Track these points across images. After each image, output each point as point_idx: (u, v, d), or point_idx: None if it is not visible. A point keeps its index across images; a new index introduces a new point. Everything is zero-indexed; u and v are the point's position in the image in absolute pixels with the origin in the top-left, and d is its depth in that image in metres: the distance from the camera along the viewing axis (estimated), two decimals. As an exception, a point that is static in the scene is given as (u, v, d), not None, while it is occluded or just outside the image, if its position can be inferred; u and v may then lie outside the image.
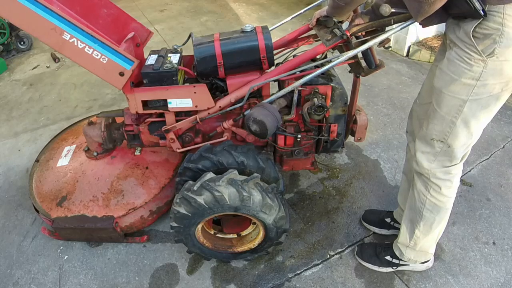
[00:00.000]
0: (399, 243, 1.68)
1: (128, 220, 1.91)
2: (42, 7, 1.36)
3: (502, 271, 1.76)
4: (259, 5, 5.14)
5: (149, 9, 5.32)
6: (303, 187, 2.26)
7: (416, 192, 1.52)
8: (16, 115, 3.18)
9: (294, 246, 1.93)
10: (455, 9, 1.09)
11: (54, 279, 1.86)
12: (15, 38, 4.14)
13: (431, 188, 1.45)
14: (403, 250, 1.67)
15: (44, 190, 2.05)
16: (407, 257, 1.68)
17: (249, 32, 1.62)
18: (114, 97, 3.29)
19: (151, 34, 1.84)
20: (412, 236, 1.60)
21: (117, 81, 1.54)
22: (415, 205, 1.54)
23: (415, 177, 1.50)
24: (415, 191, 1.52)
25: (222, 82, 1.71)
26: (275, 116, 1.48)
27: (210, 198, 1.46)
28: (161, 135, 1.79)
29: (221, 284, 1.78)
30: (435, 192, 1.45)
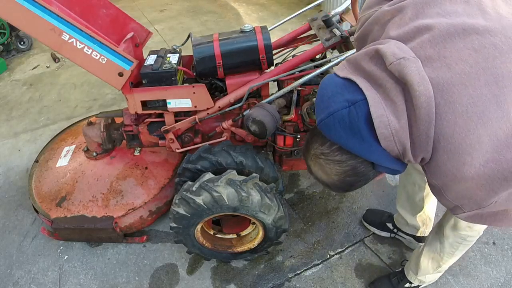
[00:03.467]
0: (419, 276, 1.59)
1: (127, 220, 1.91)
2: (41, 8, 1.36)
3: (502, 271, 1.76)
4: (259, 5, 5.14)
5: (149, 9, 5.32)
6: (303, 187, 2.26)
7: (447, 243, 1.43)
8: (16, 115, 3.18)
9: (294, 246, 1.93)
10: None
11: (54, 279, 1.86)
12: (15, 38, 4.14)
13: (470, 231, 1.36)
14: (424, 279, 1.61)
15: (43, 190, 2.05)
16: (428, 281, 1.63)
17: (248, 32, 1.62)
18: (114, 97, 3.29)
19: (150, 34, 1.84)
20: (438, 269, 1.53)
21: (116, 82, 1.54)
22: (444, 250, 1.45)
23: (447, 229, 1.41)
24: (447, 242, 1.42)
25: (221, 82, 1.71)
26: (274, 116, 1.48)
27: (209, 198, 1.46)
28: (160, 135, 1.79)
29: (221, 284, 1.78)
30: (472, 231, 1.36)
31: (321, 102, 0.91)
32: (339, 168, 0.93)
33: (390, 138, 0.83)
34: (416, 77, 0.78)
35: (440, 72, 0.79)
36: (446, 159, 0.82)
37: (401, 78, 0.80)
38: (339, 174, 0.94)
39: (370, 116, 0.82)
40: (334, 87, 0.90)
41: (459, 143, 0.79)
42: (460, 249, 1.42)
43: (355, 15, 1.60)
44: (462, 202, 0.89)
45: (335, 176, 0.95)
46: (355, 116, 0.83)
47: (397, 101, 0.82)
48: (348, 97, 0.85)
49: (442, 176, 0.86)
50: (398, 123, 0.82)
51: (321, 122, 0.90)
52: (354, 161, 0.91)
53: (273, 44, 1.74)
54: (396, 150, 0.85)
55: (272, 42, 1.67)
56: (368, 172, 0.94)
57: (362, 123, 0.83)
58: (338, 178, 0.95)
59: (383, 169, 0.93)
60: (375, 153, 0.87)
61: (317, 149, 0.96)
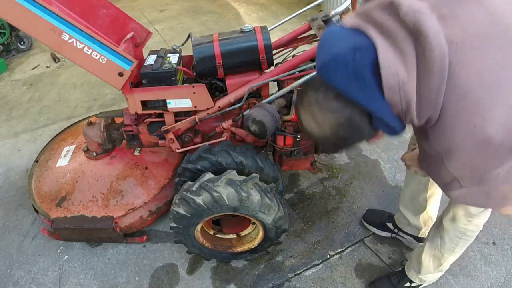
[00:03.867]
0: (421, 275, 1.59)
1: (127, 220, 1.91)
2: (41, 8, 1.36)
3: (502, 271, 1.76)
4: (259, 5, 5.14)
5: (149, 9, 5.32)
6: (303, 187, 2.26)
7: (448, 238, 1.42)
8: (16, 115, 3.18)
9: (294, 246, 1.93)
10: None
11: (54, 279, 1.86)
12: (15, 38, 4.14)
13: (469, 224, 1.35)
14: (425, 278, 1.60)
15: (43, 190, 2.05)
16: (428, 280, 1.63)
17: (248, 32, 1.62)
18: (114, 97, 3.29)
19: (150, 34, 1.84)
20: (439, 267, 1.52)
21: (116, 82, 1.54)
22: (445, 246, 1.44)
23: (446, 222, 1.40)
24: (447, 237, 1.42)
25: (221, 82, 1.71)
26: (274, 116, 1.48)
27: (209, 198, 1.46)
28: (160, 135, 1.79)
29: (221, 284, 1.78)
30: (471, 225, 1.35)
31: (322, 48, 0.85)
32: (333, 119, 0.86)
33: (396, 90, 0.78)
34: (432, 30, 0.74)
35: (454, 31, 0.76)
36: (455, 120, 0.78)
37: (415, 29, 0.76)
38: (332, 125, 0.87)
39: (376, 64, 0.77)
40: (338, 35, 0.85)
41: (471, 104, 0.76)
42: (461, 244, 1.42)
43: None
44: (464, 173, 0.85)
45: (328, 128, 0.88)
46: (360, 62, 0.79)
47: (408, 53, 0.78)
48: (354, 43, 0.80)
49: (448, 139, 0.81)
50: (407, 74, 0.77)
51: (322, 65, 0.84)
52: (350, 111, 0.84)
53: (273, 44, 1.74)
54: (399, 106, 0.80)
55: (272, 42, 1.67)
56: (364, 126, 0.86)
57: (367, 70, 0.78)
58: (330, 130, 0.88)
59: (381, 125, 0.86)
60: (377, 102, 0.81)
61: (311, 97, 0.88)
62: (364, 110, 0.83)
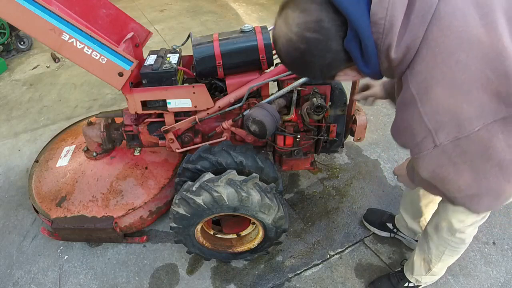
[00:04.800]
0: (415, 276, 1.60)
1: (127, 221, 1.91)
2: (41, 8, 1.36)
3: (502, 271, 1.76)
4: (259, 5, 5.13)
5: (149, 9, 5.32)
6: (303, 187, 2.26)
7: (432, 244, 1.42)
8: (16, 115, 3.18)
9: (294, 246, 1.93)
10: None
11: (54, 279, 1.86)
12: (15, 38, 4.14)
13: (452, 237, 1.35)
14: (420, 279, 1.60)
15: (43, 190, 2.05)
16: (424, 282, 1.63)
17: (248, 32, 1.62)
18: (114, 97, 3.29)
19: (150, 34, 1.84)
20: (429, 272, 1.53)
21: (116, 82, 1.54)
22: (431, 252, 1.45)
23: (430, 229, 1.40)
24: (432, 243, 1.41)
25: (221, 82, 1.71)
26: (274, 116, 1.48)
27: (209, 198, 1.46)
28: (160, 135, 1.79)
29: (221, 284, 1.78)
30: (455, 238, 1.34)
31: None
32: (303, 17, 0.79)
33: (385, 4, 0.74)
34: None
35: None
36: (436, 52, 0.74)
37: None
38: (300, 24, 0.80)
39: None
40: None
41: (455, 37, 0.72)
42: (447, 254, 1.42)
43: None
44: (441, 120, 0.78)
45: (296, 27, 0.80)
46: None
47: None
48: None
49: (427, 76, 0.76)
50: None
51: None
52: (323, 14, 0.78)
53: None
54: (382, 24, 0.75)
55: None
56: (332, 36, 0.79)
57: None
58: (297, 31, 0.80)
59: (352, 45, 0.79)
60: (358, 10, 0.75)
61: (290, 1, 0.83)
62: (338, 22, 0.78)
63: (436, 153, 0.82)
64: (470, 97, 0.74)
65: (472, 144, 0.78)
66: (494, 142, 0.78)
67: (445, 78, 0.74)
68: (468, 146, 0.79)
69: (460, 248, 1.41)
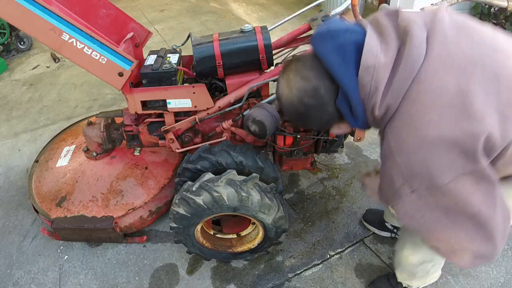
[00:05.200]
0: (403, 281, 1.59)
1: (127, 221, 1.91)
2: (41, 8, 1.36)
3: (502, 271, 1.76)
4: (259, 5, 5.14)
5: (149, 9, 5.32)
6: (303, 187, 2.26)
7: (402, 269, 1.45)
8: (16, 115, 3.18)
9: (294, 246, 1.93)
10: None
11: (54, 279, 1.86)
12: (15, 38, 4.15)
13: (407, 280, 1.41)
14: (410, 283, 1.58)
15: (43, 190, 2.05)
16: (415, 286, 1.60)
17: (248, 32, 1.62)
18: (114, 97, 3.29)
19: (150, 35, 1.84)
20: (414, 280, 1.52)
21: (116, 82, 1.54)
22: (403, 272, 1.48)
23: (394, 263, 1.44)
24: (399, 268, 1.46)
25: (221, 82, 1.71)
26: (274, 116, 1.48)
27: (209, 198, 1.46)
28: (160, 135, 1.79)
29: (221, 284, 1.78)
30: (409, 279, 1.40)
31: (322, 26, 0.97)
32: (303, 84, 0.95)
33: (370, 70, 0.87)
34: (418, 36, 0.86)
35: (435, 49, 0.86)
36: (413, 110, 0.84)
37: (405, 32, 0.88)
38: (300, 90, 0.96)
39: (358, 46, 0.89)
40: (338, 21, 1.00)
41: (430, 99, 0.82)
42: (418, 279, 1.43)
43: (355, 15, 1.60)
44: (413, 171, 0.87)
45: (296, 91, 0.96)
46: (348, 39, 0.91)
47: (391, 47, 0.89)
48: (348, 27, 0.94)
49: (403, 132, 0.87)
50: (384, 59, 0.87)
51: (316, 34, 0.96)
52: (320, 82, 0.93)
53: (273, 44, 1.74)
54: (368, 87, 0.88)
55: (272, 42, 1.67)
56: (327, 102, 0.95)
57: (350, 46, 0.90)
58: (298, 94, 0.96)
59: (343, 105, 0.94)
60: (347, 76, 0.90)
61: (292, 65, 0.99)
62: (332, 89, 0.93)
63: (413, 198, 0.90)
64: (440, 153, 0.82)
65: (444, 195, 0.86)
66: (465, 195, 0.85)
67: (418, 134, 0.83)
68: (441, 197, 0.87)
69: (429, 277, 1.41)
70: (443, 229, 0.91)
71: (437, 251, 0.99)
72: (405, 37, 0.87)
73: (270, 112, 1.47)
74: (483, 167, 0.83)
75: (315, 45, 0.95)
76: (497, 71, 0.84)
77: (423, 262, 1.35)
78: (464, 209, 0.87)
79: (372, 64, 0.87)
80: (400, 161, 0.88)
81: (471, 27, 0.92)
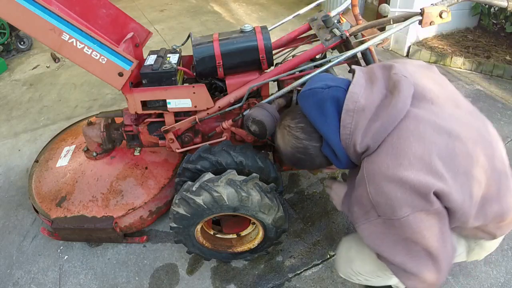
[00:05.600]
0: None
1: (127, 221, 1.91)
2: (41, 8, 1.36)
3: (502, 271, 1.76)
4: (259, 5, 5.14)
5: (149, 9, 5.32)
6: (303, 187, 2.26)
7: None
8: (16, 115, 3.18)
9: (294, 246, 1.93)
10: None
11: (54, 279, 1.86)
12: (15, 38, 4.15)
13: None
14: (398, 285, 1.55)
15: (43, 190, 2.05)
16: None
17: (248, 32, 1.62)
18: (114, 97, 3.29)
19: (150, 35, 1.84)
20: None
21: (116, 82, 1.54)
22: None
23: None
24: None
25: (221, 82, 1.71)
26: (274, 116, 1.48)
27: (209, 198, 1.46)
28: (160, 135, 1.79)
29: (221, 284, 1.78)
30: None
31: (309, 83, 1.17)
32: (295, 143, 1.16)
33: (351, 113, 1.04)
34: (406, 92, 1.01)
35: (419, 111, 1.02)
36: (389, 152, 0.99)
37: (395, 85, 1.03)
38: (293, 147, 1.16)
39: (336, 98, 1.07)
40: (324, 76, 1.19)
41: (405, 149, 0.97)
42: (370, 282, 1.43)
43: (355, 16, 1.60)
44: (380, 201, 0.99)
45: (290, 148, 1.17)
46: (326, 95, 1.08)
47: (375, 94, 1.04)
48: (328, 83, 1.11)
49: (377, 167, 1.00)
50: (364, 103, 1.03)
51: (302, 93, 1.15)
52: (308, 143, 1.14)
53: (273, 44, 1.74)
54: (349, 128, 1.04)
55: (272, 42, 1.67)
56: (315, 156, 1.15)
57: (328, 102, 1.07)
58: (291, 150, 1.18)
59: (328, 151, 1.11)
60: (328, 127, 1.07)
61: (286, 121, 1.19)
62: (318, 147, 1.13)
63: (379, 222, 1.03)
64: (402, 190, 0.96)
65: (402, 226, 0.99)
66: (420, 228, 0.98)
67: (388, 171, 0.97)
68: (400, 227, 0.99)
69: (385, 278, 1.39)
70: (399, 254, 1.03)
71: (391, 270, 1.10)
72: (393, 90, 1.02)
73: (270, 112, 1.48)
74: (435, 206, 0.97)
75: (301, 103, 1.14)
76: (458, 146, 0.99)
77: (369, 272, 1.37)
78: (418, 240, 0.99)
79: (352, 108, 1.03)
80: (370, 190, 1.01)
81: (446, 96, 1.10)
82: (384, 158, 0.99)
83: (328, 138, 1.08)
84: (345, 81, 1.12)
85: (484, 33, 3.72)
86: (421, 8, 1.31)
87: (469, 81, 3.21)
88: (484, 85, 3.14)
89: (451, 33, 3.75)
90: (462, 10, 3.66)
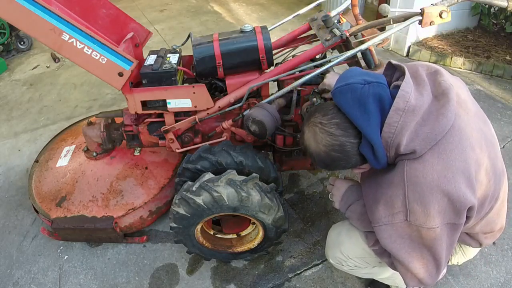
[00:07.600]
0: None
1: (127, 221, 1.91)
2: (41, 8, 1.36)
3: (502, 271, 1.76)
4: (259, 5, 5.14)
5: (149, 9, 5.32)
6: (303, 187, 2.26)
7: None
8: (16, 115, 3.18)
9: (294, 246, 1.93)
10: None
11: (54, 279, 1.86)
12: (15, 38, 4.15)
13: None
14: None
15: (43, 190, 2.05)
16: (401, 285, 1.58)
17: (248, 32, 1.62)
18: (114, 97, 3.29)
19: (150, 35, 1.84)
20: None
21: (116, 82, 1.54)
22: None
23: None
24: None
25: (221, 82, 1.71)
26: (274, 116, 1.48)
27: (209, 198, 1.46)
28: (160, 135, 1.79)
29: (221, 284, 1.78)
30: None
31: (342, 78, 1.07)
32: (330, 140, 1.04)
33: (400, 112, 0.99)
34: (454, 100, 1.00)
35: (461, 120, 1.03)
36: (435, 163, 0.98)
37: (444, 92, 1.01)
38: (327, 146, 1.05)
39: (378, 95, 1.00)
40: (356, 71, 1.09)
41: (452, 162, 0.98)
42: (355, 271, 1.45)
43: (355, 15, 1.60)
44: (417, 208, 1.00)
45: (323, 146, 1.06)
46: (366, 92, 1.00)
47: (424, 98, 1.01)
48: (367, 78, 1.02)
49: (421, 175, 0.98)
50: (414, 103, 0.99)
51: (337, 89, 1.04)
52: (345, 139, 1.04)
53: (273, 44, 1.74)
54: (394, 126, 0.99)
55: (272, 42, 1.67)
56: (352, 154, 1.06)
57: (370, 99, 1.00)
58: (325, 149, 1.06)
59: (366, 150, 1.03)
60: (370, 125, 1.00)
61: (317, 118, 1.07)
62: (356, 137, 1.04)
63: (404, 225, 1.03)
64: (441, 202, 0.98)
65: (428, 235, 1.02)
66: (442, 240, 1.02)
67: (432, 183, 0.97)
68: (426, 235, 1.02)
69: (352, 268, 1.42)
70: (411, 256, 1.07)
71: (396, 267, 1.14)
72: (442, 97, 1.00)
73: (270, 112, 1.48)
74: (462, 221, 1.01)
75: (338, 99, 1.04)
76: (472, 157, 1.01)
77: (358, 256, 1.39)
78: (434, 248, 1.04)
79: (403, 107, 0.98)
80: (408, 195, 1.00)
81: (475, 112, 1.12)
82: (429, 167, 0.98)
83: (370, 136, 1.01)
84: (382, 77, 1.07)
85: (484, 33, 3.72)
86: (421, 8, 1.31)
87: (469, 81, 3.21)
88: (484, 85, 3.14)
89: (451, 33, 3.75)
90: (462, 10, 3.66)
